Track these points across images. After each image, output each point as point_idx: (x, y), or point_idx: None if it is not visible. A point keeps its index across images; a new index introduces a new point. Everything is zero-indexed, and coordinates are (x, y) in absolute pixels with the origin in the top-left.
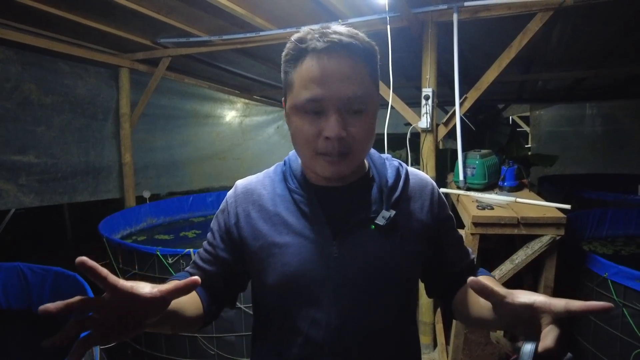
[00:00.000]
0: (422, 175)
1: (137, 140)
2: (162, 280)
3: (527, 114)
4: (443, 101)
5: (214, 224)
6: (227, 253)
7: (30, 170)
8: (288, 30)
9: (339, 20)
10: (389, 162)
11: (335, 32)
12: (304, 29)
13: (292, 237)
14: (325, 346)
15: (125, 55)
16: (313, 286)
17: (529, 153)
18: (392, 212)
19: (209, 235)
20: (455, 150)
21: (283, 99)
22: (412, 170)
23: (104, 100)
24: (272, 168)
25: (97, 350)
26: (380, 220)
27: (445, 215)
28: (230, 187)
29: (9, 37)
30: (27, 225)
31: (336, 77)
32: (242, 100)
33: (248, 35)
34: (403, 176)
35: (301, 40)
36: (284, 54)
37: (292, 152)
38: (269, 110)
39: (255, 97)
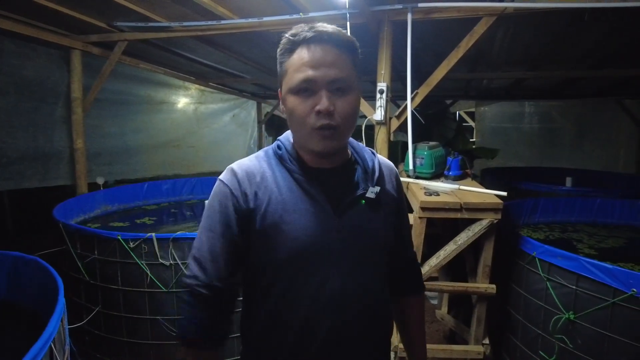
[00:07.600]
0: (387, 160)
1: (88, 125)
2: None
3: (473, 109)
4: (395, 96)
5: (213, 214)
6: (239, 236)
7: None
8: (250, 20)
9: (300, 14)
10: (364, 148)
11: (322, 26)
12: (296, 27)
13: (298, 214)
14: (328, 307)
15: (77, 37)
16: (319, 256)
17: (473, 147)
18: (378, 188)
19: (209, 229)
20: (405, 143)
21: (279, 89)
22: (379, 155)
23: (54, 83)
24: (261, 153)
25: (68, 340)
26: (370, 195)
27: (403, 193)
28: (184, 176)
29: None
30: None
31: (324, 62)
32: (197, 87)
33: (209, 23)
34: (377, 160)
35: (293, 34)
36: (279, 49)
37: (283, 137)
38: (225, 98)
39: (211, 84)
